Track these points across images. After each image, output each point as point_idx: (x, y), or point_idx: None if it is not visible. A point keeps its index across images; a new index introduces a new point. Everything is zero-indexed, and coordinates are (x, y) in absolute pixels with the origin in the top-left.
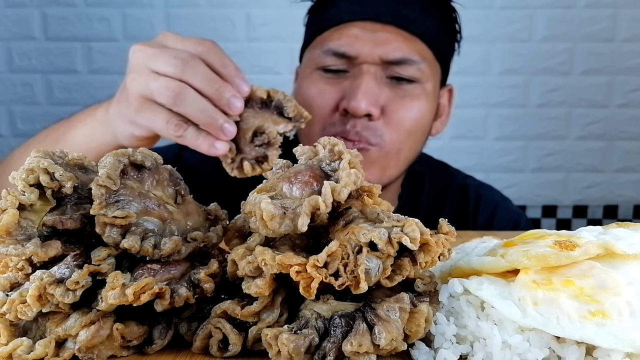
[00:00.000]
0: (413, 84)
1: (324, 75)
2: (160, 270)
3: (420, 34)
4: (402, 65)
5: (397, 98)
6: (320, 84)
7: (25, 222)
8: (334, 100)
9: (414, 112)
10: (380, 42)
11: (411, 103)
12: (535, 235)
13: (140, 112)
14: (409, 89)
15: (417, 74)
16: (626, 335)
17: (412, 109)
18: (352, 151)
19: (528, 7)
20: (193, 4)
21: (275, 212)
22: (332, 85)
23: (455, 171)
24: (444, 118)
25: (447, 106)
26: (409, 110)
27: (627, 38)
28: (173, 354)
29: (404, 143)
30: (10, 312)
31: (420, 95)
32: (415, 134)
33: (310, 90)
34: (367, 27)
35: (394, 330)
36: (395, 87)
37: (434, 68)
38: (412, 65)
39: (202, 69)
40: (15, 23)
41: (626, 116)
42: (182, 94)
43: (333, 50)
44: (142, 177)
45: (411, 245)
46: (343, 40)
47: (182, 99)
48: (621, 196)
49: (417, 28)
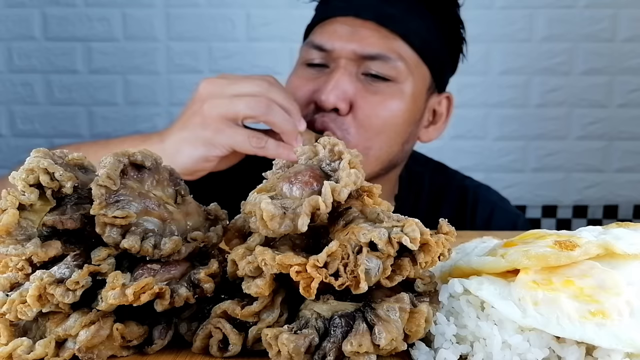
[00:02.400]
0: (387, 82)
1: (307, 70)
2: (160, 270)
3: (401, 33)
4: (376, 61)
5: (367, 94)
6: (302, 78)
7: (25, 222)
8: (309, 93)
9: (385, 111)
10: (356, 37)
11: (383, 101)
12: (535, 235)
13: (221, 132)
14: (382, 87)
15: (392, 72)
16: (626, 335)
17: (382, 108)
18: (352, 151)
19: (528, 7)
20: (193, 4)
21: (275, 212)
22: (310, 80)
23: (454, 172)
24: (440, 125)
25: (444, 114)
26: (379, 108)
27: (627, 38)
28: (173, 354)
29: (371, 141)
30: (10, 312)
31: (394, 95)
32: (386, 133)
33: (292, 83)
34: (348, 23)
35: (394, 330)
36: (369, 84)
37: (416, 70)
38: (387, 62)
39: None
40: (15, 23)
41: (626, 116)
42: (272, 105)
43: (313, 43)
44: (142, 177)
45: (411, 246)
46: (324, 34)
47: (272, 109)
48: (621, 196)
49: (398, 27)
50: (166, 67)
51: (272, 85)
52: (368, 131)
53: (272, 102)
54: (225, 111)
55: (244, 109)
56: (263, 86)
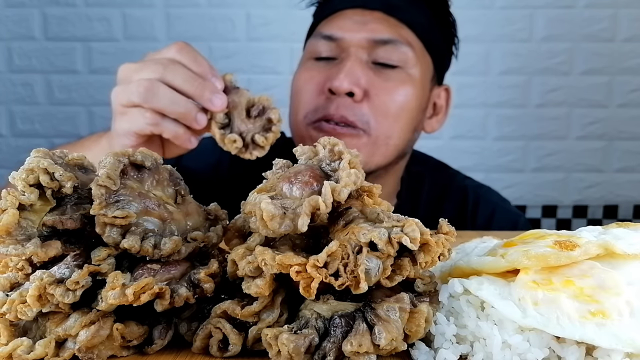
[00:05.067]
0: (396, 69)
1: (315, 63)
2: (160, 270)
3: (408, 22)
4: (387, 47)
5: (380, 81)
6: (311, 71)
7: (25, 222)
8: (320, 83)
9: (399, 96)
10: (366, 26)
11: (395, 87)
12: (535, 235)
13: (122, 118)
14: (393, 74)
15: (402, 57)
16: (626, 335)
17: (396, 93)
18: (352, 151)
19: (528, 7)
20: (193, 4)
21: (275, 212)
22: (320, 72)
23: (455, 172)
24: (441, 117)
25: (444, 106)
26: (393, 94)
27: (627, 38)
28: (173, 354)
29: (392, 129)
30: (10, 312)
31: (405, 81)
32: (403, 119)
33: (300, 77)
34: (357, 13)
35: (394, 330)
36: (380, 71)
37: (422, 58)
38: (397, 47)
39: (181, 70)
40: (15, 23)
41: (626, 116)
42: (153, 88)
43: (322, 34)
44: (142, 177)
45: (411, 245)
46: (333, 25)
47: (153, 92)
48: (621, 196)
49: (405, 16)
50: None
51: (169, 66)
52: (387, 118)
53: (155, 83)
54: (122, 99)
55: (129, 97)
56: (157, 71)
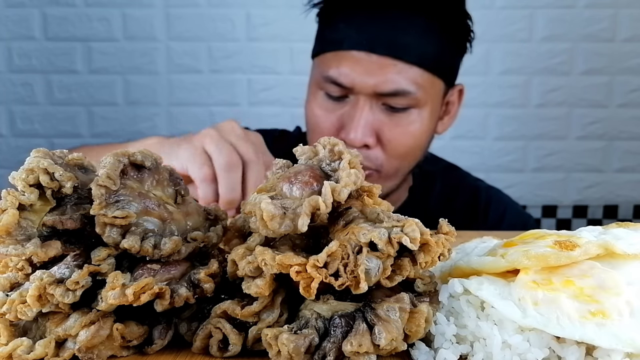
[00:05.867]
0: (408, 111)
1: (327, 100)
2: (160, 270)
3: (416, 61)
4: (395, 97)
5: (391, 126)
6: (323, 107)
7: (25, 222)
8: (335, 127)
9: (409, 137)
10: (374, 74)
11: (406, 130)
12: (535, 235)
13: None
14: (404, 116)
15: (412, 102)
16: (626, 335)
17: (406, 136)
18: (352, 151)
19: (528, 7)
20: (193, 3)
21: (275, 212)
22: (332, 111)
23: (466, 173)
24: (453, 113)
25: (455, 104)
26: (404, 138)
27: (627, 38)
28: (173, 354)
29: (401, 164)
30: (10, 312)
31: (415, 121)
32: (412, 154)
33: (315, 111)
34: (363, 58)
35: (394, 330)
36: (391, 114)
37: (432, 89)
38: (406, 96)
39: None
40: (15, 23)
41: (626, 116)
42: (234, 166)
43: (331, 79)
44: (142, 177)
45: (411, 246)
46: (341, 69)
47: (231, 168)
48: (621, 196)
49: (413, 56)
50: (166, 67)
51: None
52: (397, 158)
53: (238, 166)
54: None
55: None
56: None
